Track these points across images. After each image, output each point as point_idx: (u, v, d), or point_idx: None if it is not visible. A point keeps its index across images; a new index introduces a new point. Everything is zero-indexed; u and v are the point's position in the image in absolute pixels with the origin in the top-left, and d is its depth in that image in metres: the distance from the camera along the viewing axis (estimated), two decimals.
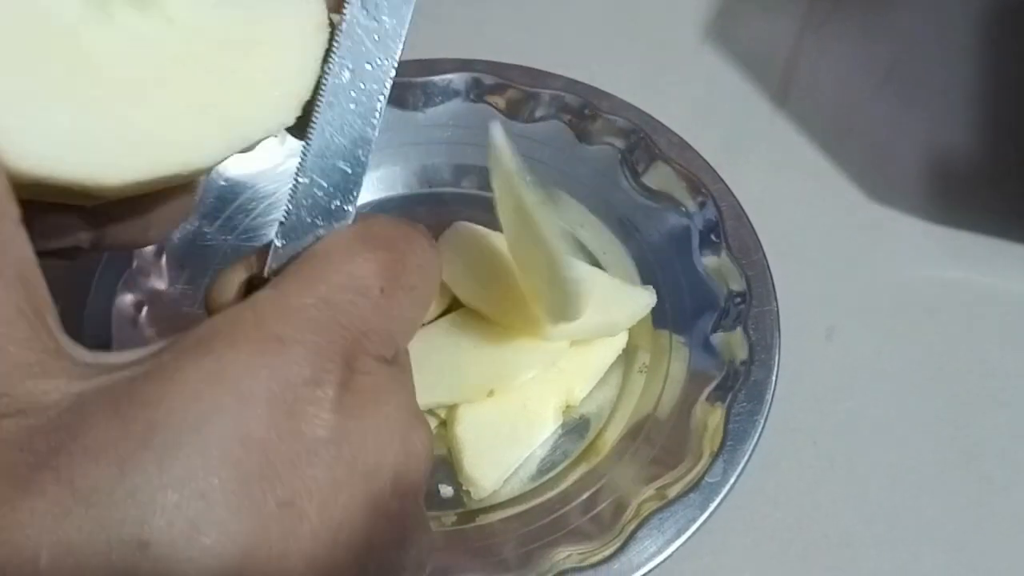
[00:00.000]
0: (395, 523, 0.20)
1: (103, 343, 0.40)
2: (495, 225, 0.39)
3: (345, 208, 0.22)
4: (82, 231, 0.24)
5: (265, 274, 0.22)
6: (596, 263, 0.44)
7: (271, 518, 0.18)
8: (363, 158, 0.23)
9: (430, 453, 0.22)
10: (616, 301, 0.40)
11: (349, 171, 0.22)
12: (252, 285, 0.22)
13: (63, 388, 0.18)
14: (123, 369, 0.18)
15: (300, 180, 0.22)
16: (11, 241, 0.18)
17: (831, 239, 0.47)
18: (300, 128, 0.23)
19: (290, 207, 0.22)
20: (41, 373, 0.18)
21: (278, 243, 0.22)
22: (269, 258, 0.22)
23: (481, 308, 0.40)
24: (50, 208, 0.22)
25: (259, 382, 0.18)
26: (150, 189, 0.21)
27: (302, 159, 0.22)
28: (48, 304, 0.19)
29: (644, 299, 0.40)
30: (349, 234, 0.22)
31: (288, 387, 0.19)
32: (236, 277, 0.23)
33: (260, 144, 0.23)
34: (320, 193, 0.22)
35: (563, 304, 0.36)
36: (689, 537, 0.34)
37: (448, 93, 0.46)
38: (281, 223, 0.22)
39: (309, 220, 0.22)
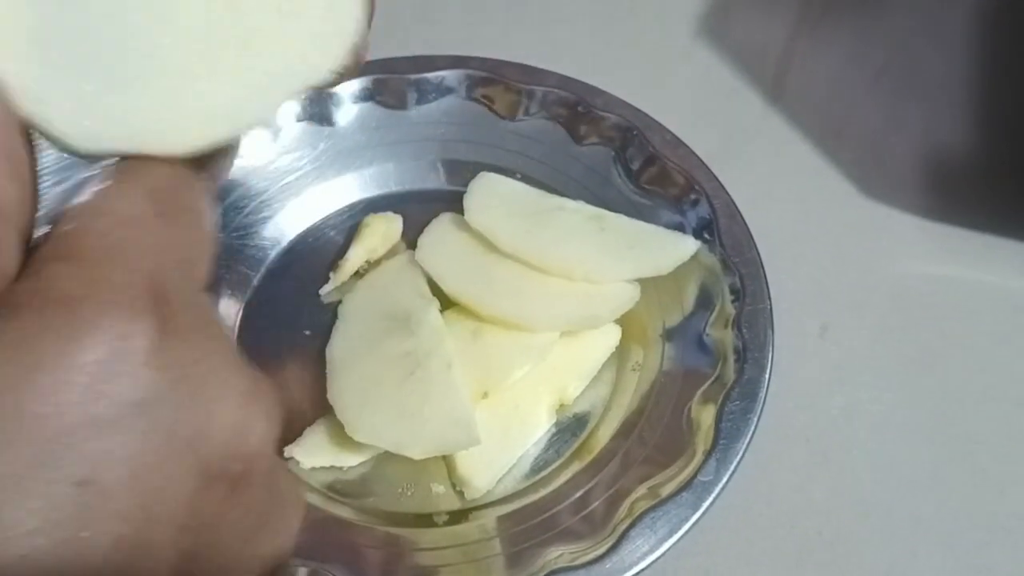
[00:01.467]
0: (236, 493, 0.19)
1: None
2: None
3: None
4: None
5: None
6: None
7: (67, 500, 0.16)
8: None
9: (275, 408, 0.20)
10: (600, 294, 0.40)
11: None
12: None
13: None
14: None
15: None
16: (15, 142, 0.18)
17: (825, 236, 0.47)
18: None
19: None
20: None
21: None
22: None
23: (468, 299, 0.40)
24: None
25: (48, 351, 0.17)
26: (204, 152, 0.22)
27: None
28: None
29: (628, 293, 0.40)
30: (106, 176, 0.20)
31: (85, 350, 0.17)
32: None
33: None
34: None
35: None
36: (682, 536, 0.33)
37: (441, 90, 0.46)
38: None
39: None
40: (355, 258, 0.43)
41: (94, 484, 0.16)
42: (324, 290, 0.43)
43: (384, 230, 0.44)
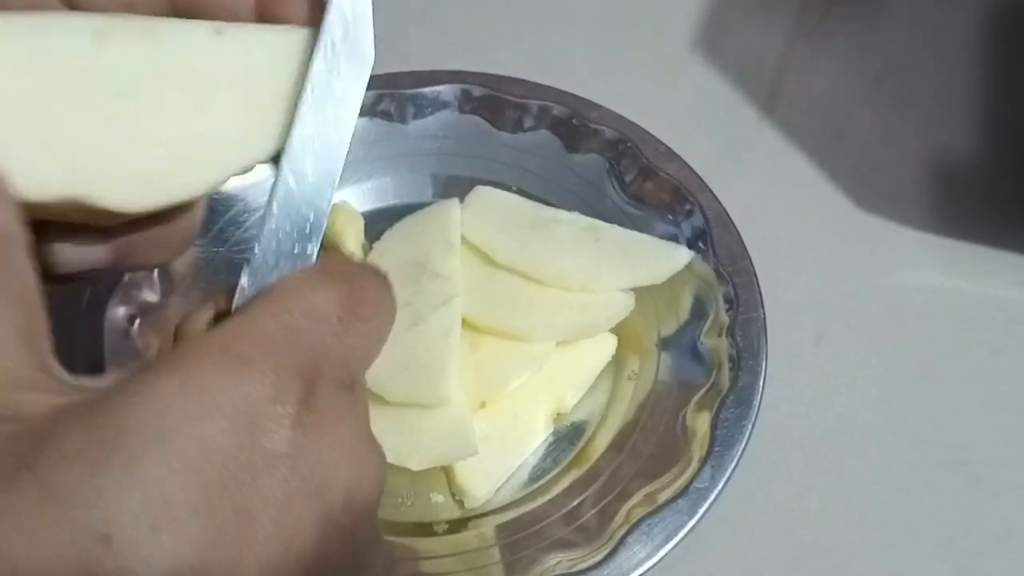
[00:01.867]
0: (346, 537, 0.22)
1: (96, 355, 0.40)
2: None
3: (307, 251, 0.24)
4: (101, 253, 0.26)
5: (232, 312, 0.24)
6: None
7: (227, 522, 0.19)
8: (325, 206, 0.24)
9: (381, 476, 0.23)
10: (595, 304, 0.40)
11: (311, 218, 0.24)
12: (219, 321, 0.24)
13: (48, 400, 0.19)
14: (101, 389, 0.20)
15: (267, 225, 0.23)
16: (17, 265, 0.21)
17: (820, 247, 0.47)
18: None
19: (256, 250, 0.23)
20: (29, 387, 0.20)
21: (244, 283, 0.23)
22: (236, 297, 0.23)
23: (466, 310, 0.40)
24: (71, 231, 0.25)
25: (223, 397, 0.20)
26: (155, 211, 0.24)
27: (268, 204, 0.23)
28: (44, 328, 0.21)
29: (623, 302, 0.41)
30: (311, 271, 0.23)
31: (250, 403, 0.20)
32: (204, 314, 0.24)
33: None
34: (284, 238, 0.24)
35: None
36: (678, 543, 0.34)
37: (437, 104, 0.47)
38: (247, 263, 0.23)
39: (273, 262, 0.24)
40: (353, 245, 0.43)
41: (249, 512, 0.19)
42: None
43: (344, 218, 0.44)
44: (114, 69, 0.23)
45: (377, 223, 0.44)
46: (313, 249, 0.24)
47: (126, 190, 0.23)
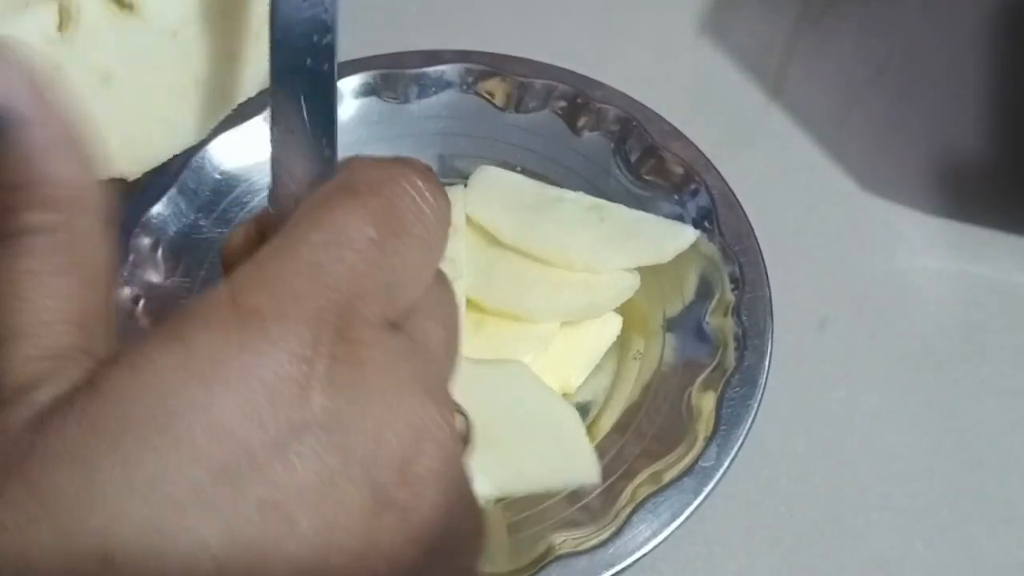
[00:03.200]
0: (408, 519, 0.18)
1: None
2: None
3: (326, 154, 0.21)
4: None
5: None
6: None
7: (249, 522, 0.16)
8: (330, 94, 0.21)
9: (452, 436, 0.19)
10: (599, 283, 0.40)
11: (320, 112, 0.21)
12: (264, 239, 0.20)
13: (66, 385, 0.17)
14: None
15: (274, 134, 0.21)
16: (92, 247, 0.19)
17: (826, 230, 0.47)
18: None
19: (274, 169, 0.21)
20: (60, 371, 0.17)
21: (271, 211, 0.21)
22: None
23: (470, 291, 0.40)
24: None
25: (233, 366, 0.17)
26: None
27: (272, 119, 0.21)
28: (101, 312, 0.19)
29: (628, 281, 0.41)
30: (329, 187, 0.20)
31: (268, 368, 0.17)
32: (248, 229, 0.22)
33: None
34: (296, 149, 0.21)
35: None
36: (683, 522, 0.34)
37: (441, 84, 0.47)
38: (270, 190, 0.21)
39: (293, 186, 0.21)
40: None
41: (278, 507, 0.16)
42: None
43: None
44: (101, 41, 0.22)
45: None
46: (331, 152, 0.21)
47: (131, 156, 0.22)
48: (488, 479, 0.34)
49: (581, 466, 0.35)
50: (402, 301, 0.19)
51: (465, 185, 0.44)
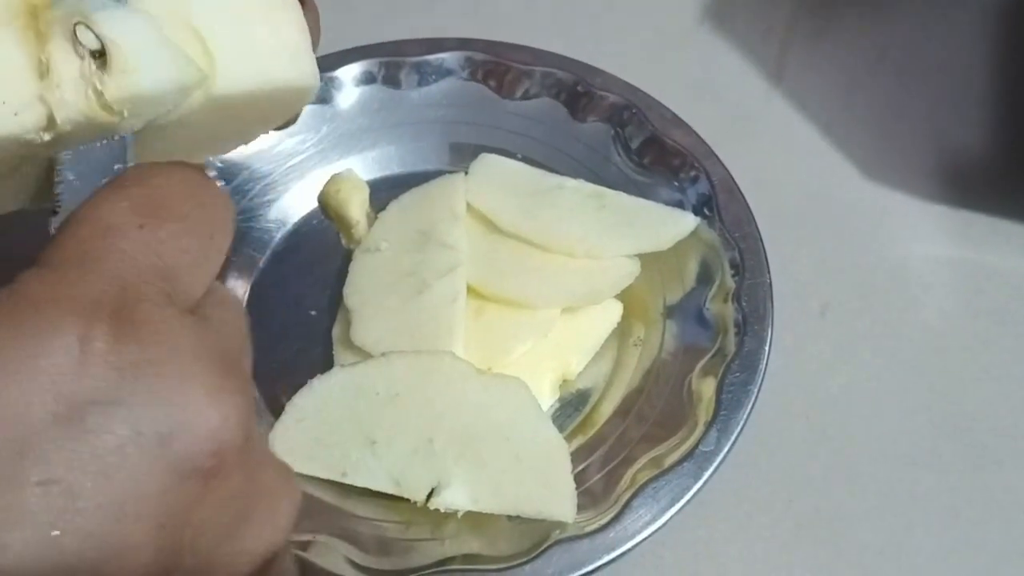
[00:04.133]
0: (211, 488, 0.19)
1: None
2: None
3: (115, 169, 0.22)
4: None
5: None
6: None
7: (33, 499, 0.17)
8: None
9: (247, 406, 0.20)
10: (600, 270, 0.40)
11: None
12: None
13: None
14: None
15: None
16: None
17: (826, 217, 0.47)
18: None
19: (57, 194, 0.22)
20: None
21: (52, 229, 0.21)
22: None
23: (471, 277, 0.40)
24: None
25: (7, 350, 0.17)
26: None
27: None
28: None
29: (628, 268, 0.41)
30: (102, 186, 0.21)
31: (42, 350, 0.17)
32: None
33: None
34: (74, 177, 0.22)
35: None
36: (683, 506, 0.34)
37: (441, 72, 0.47)
38: (53, 212, 0.22)
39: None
40: (358, 214, 0.43)
41: (59, 483, 0.17)
42: (351, 245, 0.43)
43: (350, 186, 0.44)
44: None
45: (382, 191, 0.44)
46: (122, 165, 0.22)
47: None
48: (464, 490, 0.34)
49: (559, 502, 0.34)
50: (186, 284, 0.20)
51: (466, 173, 0.44)
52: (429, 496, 0.34)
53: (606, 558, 0.33)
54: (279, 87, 0.25)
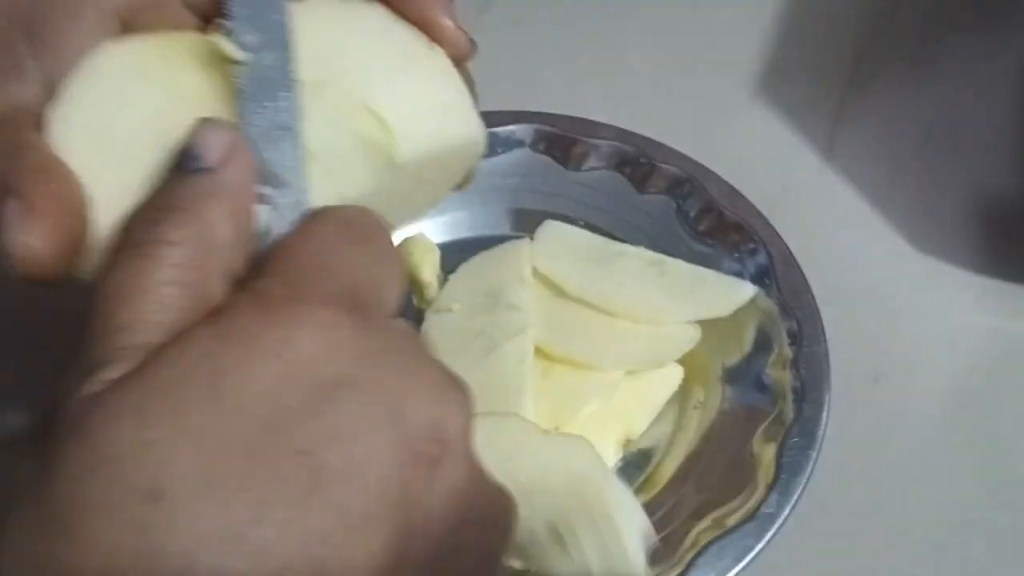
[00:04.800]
0: (437, 474, 0.20)
1: None
2: None
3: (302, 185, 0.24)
4: None
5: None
6: None
7: (288, 467, 0.18)
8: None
9: (468, 410, 0.21)
10: (662, 335, 0.42)
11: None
12: None
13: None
14: None
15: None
16: None
17: (878, 288, 0.48)
18: None
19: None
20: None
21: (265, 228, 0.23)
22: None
23: (539, 340, 0.42)
24: None
25: (266, 338, 0.19)
26: None
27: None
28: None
29: (689, 334, 0.42)
30: (303, 220, 0.23)
31: (295, 338, 0.19)
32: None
33: None
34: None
35: None
36: (746, 565, 0.35)
37: (510, 143, 0.49)
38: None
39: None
40: (430, 275, 0.45)
41: (312, 455, 0.18)
42: (423, 305, 0.44)
43: (422, 249, 0.46)
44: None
45: (452, 254, 0.46)
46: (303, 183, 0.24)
47: None
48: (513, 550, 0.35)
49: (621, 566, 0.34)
50: (388, 298, 0.22)
51: (531, 238, 0.46)
52: None
53: None
54: (454, 143, 0.27)
